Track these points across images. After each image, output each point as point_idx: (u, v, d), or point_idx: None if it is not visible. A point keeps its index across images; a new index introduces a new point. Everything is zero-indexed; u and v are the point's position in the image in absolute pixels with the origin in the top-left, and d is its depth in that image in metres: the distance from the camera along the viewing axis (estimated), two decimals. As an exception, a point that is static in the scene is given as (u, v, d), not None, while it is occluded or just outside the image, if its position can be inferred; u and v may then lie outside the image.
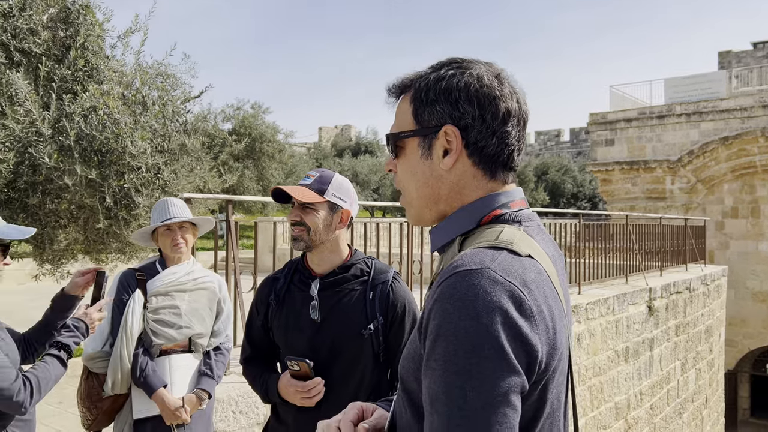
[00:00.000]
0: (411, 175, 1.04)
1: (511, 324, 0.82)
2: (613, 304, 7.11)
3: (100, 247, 5.76)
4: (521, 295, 0.84)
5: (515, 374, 0.81)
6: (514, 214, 1.00)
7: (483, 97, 0.98)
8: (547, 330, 0.86)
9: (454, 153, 0.99)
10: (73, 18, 5.90)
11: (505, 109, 0.99)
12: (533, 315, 0.84)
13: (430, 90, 1.00)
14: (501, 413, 0.80)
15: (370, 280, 1.89)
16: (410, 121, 1.03)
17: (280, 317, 1.91)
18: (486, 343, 0.80)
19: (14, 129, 4.91)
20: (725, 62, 31.37)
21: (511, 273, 0.86)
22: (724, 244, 18.11)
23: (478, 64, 1.02)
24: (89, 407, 2.45)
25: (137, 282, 2.55)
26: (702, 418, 10.12)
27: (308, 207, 1.83)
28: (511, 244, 0.91)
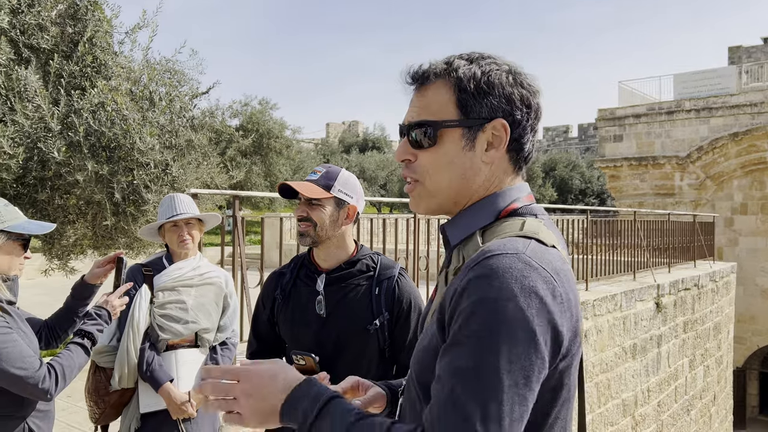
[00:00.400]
0: (446, 164, 1.01)
1: (546, 309, 0.84)
2: (621, 301, 7.08)
3: (109, 243, 5.79)
4: (554, 282, 0.86)
5: (541, 360, 0.83)
6: (530, 207, 1.02)
7: (529, 93, 1.01)
8: (571, 317, 0.89)
9: (501, 147, 1.00)
10: (81, 14, 5.91)
11: (536, 105, 1.02)
12: (563, 302, 0.87)
13: (480, 81, 0.99)
14: (521, 395, 0.82)
15: (376, 275, 1.89)
16: (452, 111, 1.00)
17: (286, 312, 1.92)
18: (521, 326, 0.82)
19: (23, 125, 4.94)
20: (735, 57, 31.10)
21: (543, 260, 0.88)
22: (734, 240, 18.00)
23: (503, 60, 1.04)
24: (96, 401, 2.47)
25: (144, 277, 2.57)
26: (710, 415, 10.07)
27: (315, 203, 1.84)
28: (538, 234, 0.93)
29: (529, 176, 30.69)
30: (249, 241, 21.24)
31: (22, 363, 1.83)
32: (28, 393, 1.88)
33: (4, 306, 1.95)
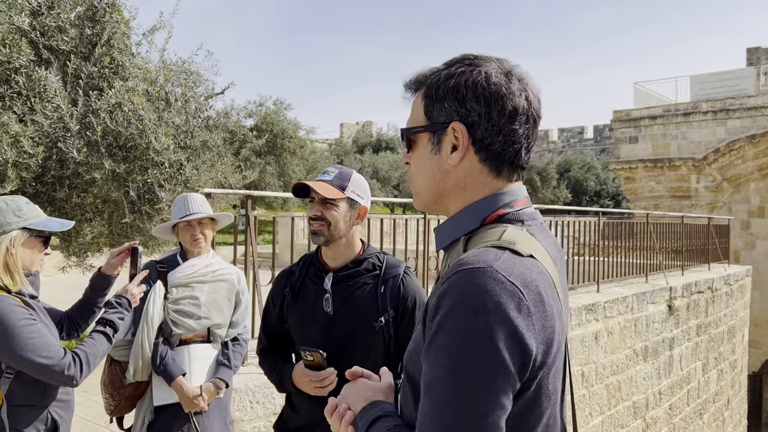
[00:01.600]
0: (421, 168, 1.07)
1: (509, 323, 0.85)
2: (632, 303, 7.06)
3: (125, 241, 5.90)
4: (521, 296, 0.87)
5: (506, 374, 0.85)
6: (517, 213, 1.02)
7: (489, 94, 1.00)
8: (543, 328, 0.89)
9: (461, 149, 1.02)
10: (99, 16, 6.00)
11: (511, 107, 1.00)
12: (531, 314, 0.87)
13: (440, 87, 1.03)
14: (486, 407, 0.85)
15: (382, 274, 1.94)
16: (422, 117, 1.06)
17: (295, 309, 1.97)
18: (482, 342, 0.85)
19: (43, 124, 5.04)
20: (754, 59, 30.71)
21: (512, 273, 0.89)
22: (750, 243, 17.81)
23: (490, 61, 1.04)
24: (112, 393, 2.54)
25: (158, 273, 2.63)
26: (723, 419, 9.99)
27: (329, 202, 1.89)
28: (514, 244, 0.94)
29: (543, 177, 30.60)
30: (263, 241, 21.38)
31: (47, 352, 1.92)
32: (55, 380, 1.97)
33: (27, 300, 2.02)
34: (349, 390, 1.14)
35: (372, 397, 1.10)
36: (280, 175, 17.28)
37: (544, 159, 34.04)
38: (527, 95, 1.03)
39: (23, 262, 2.04)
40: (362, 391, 1.13)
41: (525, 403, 0.90)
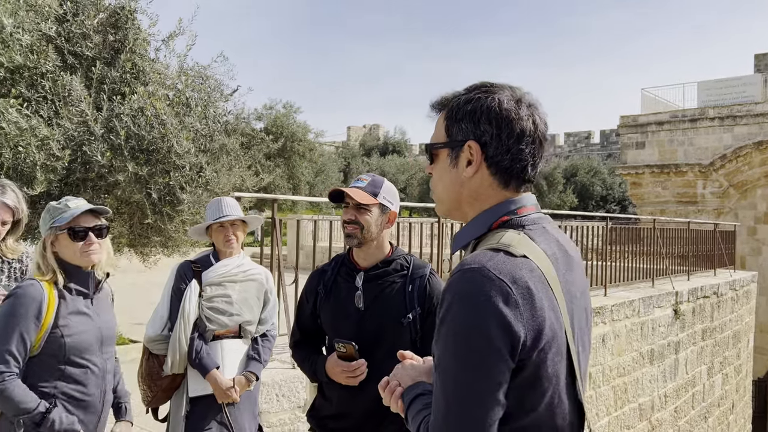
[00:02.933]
0: (440, 179, 1.26)
1: (498, 314, 1.02)
2: (639, 307, 7.19)
3: (145, 241, 6.07)
4: (508, 290, 1.03)
5: (498, 355, 1.02)
6: (519, 219, 1.18)
7: (501, 118, 1.16)
8: (532, 317, 1.05)
9: (474, 164, 1.19)
10: (121, 23, 6.18)
11: (519, 129, 1.17)
12: (518, 306, 1.03)
13: (460, 110, 1.21)
14: (484, 385, 1.03)
15: (410, 273, 2.11)
16: (443, 135, 1.24)
17: (328, 305, 2.13)
18: (475, 329, 1.03)
19: (68, 128, 5.21)
20: (761, 65, 30.70)
21: (502, 271, 1.05)
22: (757, 249, 17.86)
23: (503, 89, 1.21)
24: (150, 385, 2.70)
25: (193, 273, 2.79)
26: (728, 423, 10.09)
27: (363, 207, 2.04)
28: (509, 246, 1.10)
29: (549, 182, 30.65)
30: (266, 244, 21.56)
31: None
32: None
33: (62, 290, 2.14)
34: (399, 370, 1.33)
35: (417, 377, 1.29)
36: (289, 177, 17.47)
37: (550, 163, 34.10)
38: (534, 120, 1.19)
39: (64, 257, 2.16)
40: (409, 371, 1.31)
41: (524, 382, 1.07)
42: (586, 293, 1.26)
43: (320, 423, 2.18)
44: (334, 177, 22.56)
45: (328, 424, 2.15)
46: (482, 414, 1.03)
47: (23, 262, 2.61)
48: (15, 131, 4.80)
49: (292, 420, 3.33)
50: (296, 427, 3.36)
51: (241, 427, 2.72)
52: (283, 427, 3.33)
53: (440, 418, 1.06)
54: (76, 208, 2.19)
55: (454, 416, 1.04)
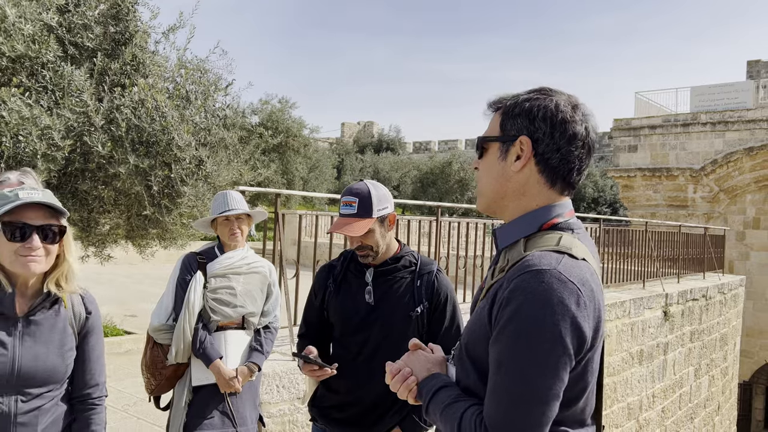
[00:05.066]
0: (488, 171, 1.29)
1: (570, 315, 1.08)
2: (630, 308, 7.29)
3: (142, 233, 6.09)
4: (579, 292, 1.09)
5: (566, 355, 1.08)
6: (567, 222, 1.24)
7: (556, 118, 1.22)
8: (595, 318, 1.13)
9: (524, 159, 1.23)
10: (122, 14, 6.19)
11: (572, 132, 1.22)
12: (586, 307, 1.10)
13: (517, 106, 1.26)
14: (551, 382, 1.09)
15: (418, 270, 2.17)
16: (497, 130, 1.29)
17: (337, 300, 2.18)
18: (548, 329, 1.08)
19: (69, 118, 5.22)
20: (754, 71, 31.03)
21: (572, 274, 1.11)
22: (745, 254, 18.07)
23: (562, 94, 1.26)
24: (154, 374, 2.75)
25: (198, 264, 2.84)
26: (713, 424, 10.23)
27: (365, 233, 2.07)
28: (570, 249, 1.16)
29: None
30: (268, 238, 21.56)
31: None
32: None
33: None
34: (411, 358, 1.36)
35: (432, 369, 1.33)
36: (283, 172, 17.48)
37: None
38: (587, 126, 1.25)
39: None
40: (422, 361, 1.35)
41: (575, 377, 1.14)
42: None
43: (323, 413, 2.24)
44: (328, 173, 22.58)
45: (332, 414, 2.21)
46: (546, 410, 1.09)
47: None
48: (16, 120, 4.81)
49: (291, 411, 3.39)
50: (295, 418, 3.42)
51: (242, 417, 2.77)
52: (282, 417, 3.40)
53: (501, 412, 1.10)
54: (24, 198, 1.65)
55: (519, 411, 1.09)
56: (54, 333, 1.76)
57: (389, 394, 2.00)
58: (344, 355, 2.15)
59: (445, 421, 1.20)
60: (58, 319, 1.77)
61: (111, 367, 6.06)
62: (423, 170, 30.04)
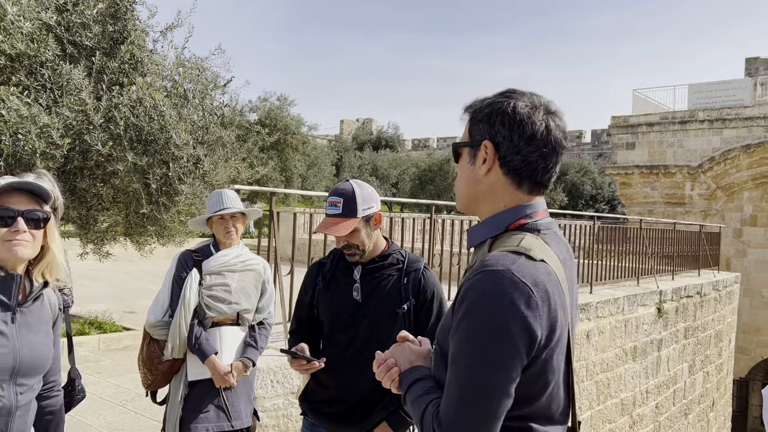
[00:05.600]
0: (461, 175, 1.36)
1: (520, 315, 1.11)
2: (623, 304, 7.36)
3: (141, 230, 6.15)
4: (530, 293, 1.12)
5: (516, 354, 1.12)
6: (535, 223, 1.28)
7: (513, 121, 1.25)
8: (549, 318, 1.15)
9: (488, 162, 1.27)
10: (120, 13, 6.23)
11: (530, 132, 1.24)
12: (538, 308, 1.13)
13: (480, 112, 1.31)
14: (499, 380, 1.13)
15: (405, 267, 2.23)
16: (467, 135, 1.34)
17: (326, 297, 2.24)
18: (497, 329, 1.12)
19: (68, 117, 5.27)
20: (752, 69, 31.02)
21: (525, 275, 1.14)
22: (742, 251, 18.14)
23: (523, 95, 1.29)
24: (150, 369, 2.81)
25: (194, 262, 2.90)
26: (708, 420, 10.31)
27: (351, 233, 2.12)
28: (529, 251, 1.19)
29: (540, 180, 30.77)
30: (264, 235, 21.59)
31: None
32: None
33: None
34: (397, 350, 1.42)
35: (415, 361, 1.38)
36: (282, 170, 17.53)
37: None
38: (548, 125, 1.26)
39: None
40: (407, 353, 1.41)
41: (532, 375, 1.17)
42: (577, 289, 1.38)
43: (313, 407, 2.29)
44: (327, 170, 22.61)
45: (321, 409, 2.26)
46: (494, 406, 1.13)
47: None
48: (15, 118, 4.86)
49: (285, 405, 3.46)
50: (289, 412, 3.49)
51: (237, 411, 2.84)
52: (276, 411, 3.47)
53: (452, 406, 1.15)
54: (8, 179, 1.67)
55: (467, 406, 1.13)
56: (41, 323, 1.75)
57: (377, 390, 2.08)
58: (333, 351, 2.20)
59: (414, 412, 1.27)
60: (43, 309, 1.77)
61: (109, 362, 6.13)
62: (421, 167, 30.08)
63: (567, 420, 1.31)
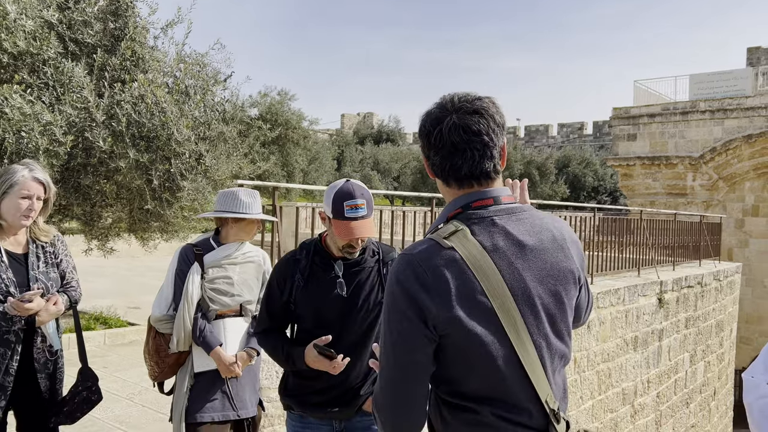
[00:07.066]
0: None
1: (412, 293, 1.25)
2: (624, 295, 7.40)
3: (144, 226, 6.21)
4: (425, 274, 1.25)
5: (413, 324, 1.25)
6: (467, 213, 1.34)
7: (422, 135, 1.40)
8: (446, 300, 1.23)
9: (428, 171, 1.44)
10: (121, 11, 6.26)
11: (430, 140, 1.38)
12: (431, 289, 1.24)
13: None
14: (401, 347, 1.27)
15: (381, 258, 2.29)
16: None
17: (307, 294, 2.22)
18: (395, 303, 1.28)
19: (70, 114, 5.32)
20: (754, 58, 30.95)
21: (423, 258, 1.27)
22: (744, 242, 18.16)
23: (437, 106, 1.39)
24: (157, 361, 2.86)
25: (195, 255, 2.94)
26: (709, 409, 10.38)
27: None
28: (441, 239, 1.29)
29: (542, 172, 30.86)
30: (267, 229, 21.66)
31: None
32: None
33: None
34: None
35: None
36: (283, 165, 17.56)
37: (543, 154, 34.27)
38: (440, 128, 1.34)
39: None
40: None
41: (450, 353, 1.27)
42: (556, 276, 1.35)
43: (301, 400, 2.29)
44: (328, 165, 22.64)
45: (311, 399, 2.27)
46: (410, 380, 1.28)
47: (56, 246, 2.61)
48: (19, 116, 4.91)
49: (289, 395, 3.51)
50: (293, 402, 3.55)
51: (242, 400, 2.89)
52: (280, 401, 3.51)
53: (379, 386, 1.33)
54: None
55: (390, 384, 1.30)
56: None
57: (362, 373, 2.21)
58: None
59: None
60: None
61: (115, 357, 6.20)
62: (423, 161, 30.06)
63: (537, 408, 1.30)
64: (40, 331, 2.55)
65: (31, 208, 2.44)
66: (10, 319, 2.36)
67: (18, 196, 2.41)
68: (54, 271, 2.60)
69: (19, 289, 2.43)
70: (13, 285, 2.41)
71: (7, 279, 2.41)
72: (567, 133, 45.49)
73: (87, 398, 2.75)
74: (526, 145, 41.93)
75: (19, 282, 2.44)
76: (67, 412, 2.66)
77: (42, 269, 2.54)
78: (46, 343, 2.57)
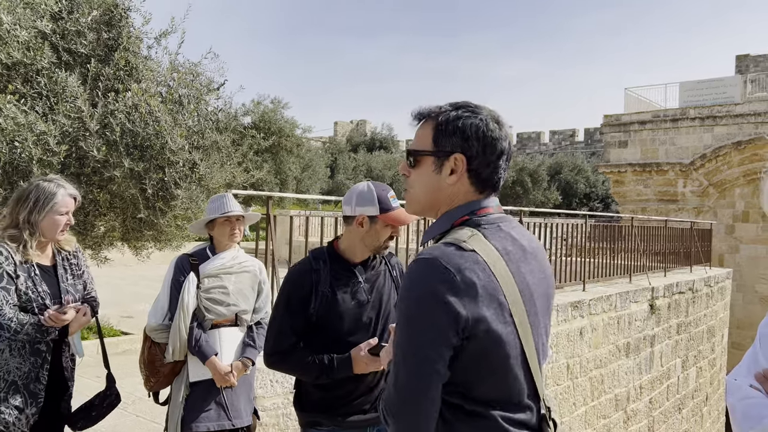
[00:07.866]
0: (422, 182, 1.42)
1: (442, 297, 1.22)
2: (616, 301, 7.46)
3: (138, 235, 6.21)
4: (453, 277, 1.23)
5: (438, 331, 1.22)
6: (477, 219, 1.37)
7: (486, 137, 1.36)
8: (474, 303, 1.23)
9: (457, 174, 1.37)
10: (115, 20, 6.29)
11: (500, 148, 1.38)
12: (460, 291, 1.22)
13: (450, 124, 1.38)
14: (425, 355, 1.24)
15: (386, 261, 2.36)
16: (430, 144, 1.40)
17: (335, 302, 2.17)
18: (420, 309, 1.24)
19: (64, 123, 5.33)
20: (742, 66, 31.28)
21: (450, 262, 1.24)
22: (734, 247, 18.29)
23: (484, 110, 1.40)
24: (152, 371, 2.88)
25: (191, 265, 2.96)
26: (702, 415, 10.43)
27: None
28: (461, 242, 1.29)
29: (534, 179, 31.02)
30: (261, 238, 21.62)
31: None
32: None
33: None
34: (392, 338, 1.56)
35: None
36: (276, 173, 17.58)
37: (535, 161, 34.41)
38: (510, 141, 1.41)
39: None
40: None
41: (471, 357, 1.26)
42: (547, 280, 1.43)
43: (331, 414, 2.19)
44: (321, 172, 22.66)
45: (341, 410, 2.19)
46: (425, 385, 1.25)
47: (78, 258, 2.69)
48: (12, 126, 4.92)
49: (284, 404, 3.53)
50: (288, 411, 3.57)
51: (237, 410, 2.91)
52: (276, 410, 3.54)
53: (392, 387, 1.29)
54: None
55: (401, 380, 1.26)
56: None
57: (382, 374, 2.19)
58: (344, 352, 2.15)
59: None
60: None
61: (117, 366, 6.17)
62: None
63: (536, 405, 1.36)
64: (67, 340, 2.61)
65: (68, 223, 2.55)
66: (46, 330, 2.43)
67: (57, 213, 2.52)
68: (79, 283, 2.68)
69: (53, 300, 2.52)
70: (48, 297, 2.50)
71: (43, 292, 2.49)
72: (559, 140, 45.72)
73: (111, 402, 2.82)
74: (518, 152, 42.11)
75: (52, 294, 2.53)
76: (95, 417, 2.76)
77: (70, 281, 2.62)
78: (70, 351, 2.65)
